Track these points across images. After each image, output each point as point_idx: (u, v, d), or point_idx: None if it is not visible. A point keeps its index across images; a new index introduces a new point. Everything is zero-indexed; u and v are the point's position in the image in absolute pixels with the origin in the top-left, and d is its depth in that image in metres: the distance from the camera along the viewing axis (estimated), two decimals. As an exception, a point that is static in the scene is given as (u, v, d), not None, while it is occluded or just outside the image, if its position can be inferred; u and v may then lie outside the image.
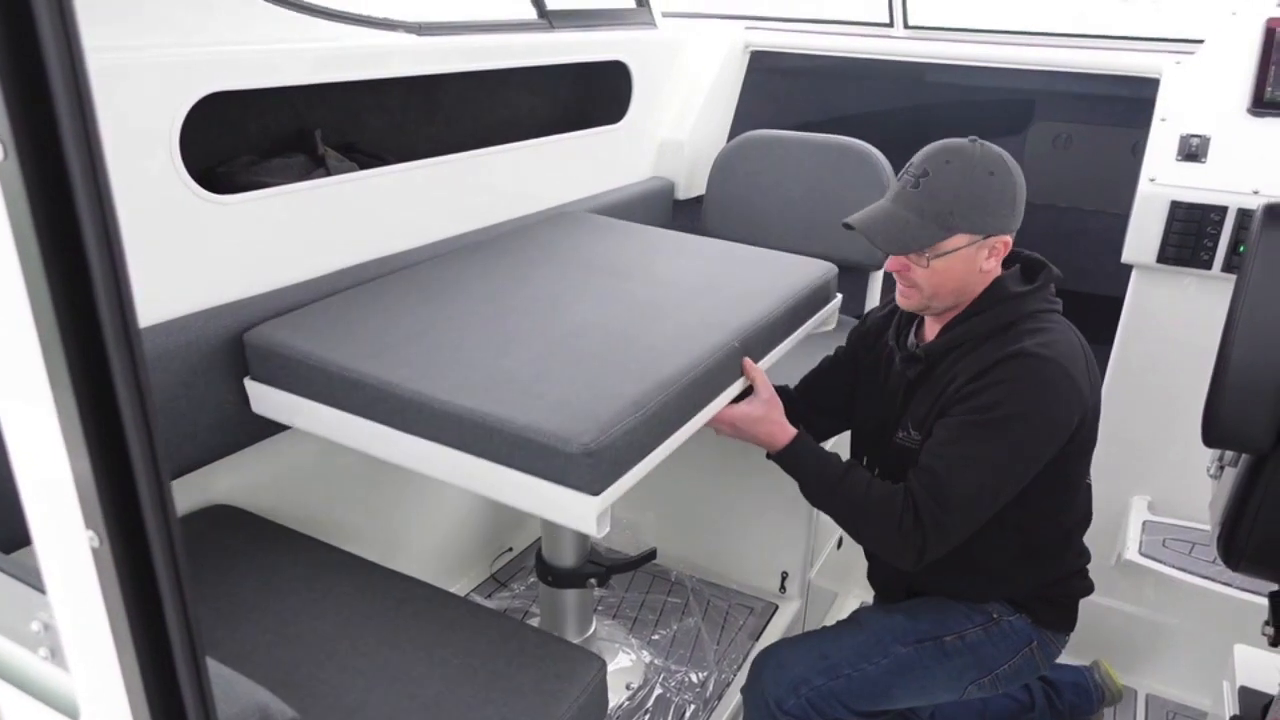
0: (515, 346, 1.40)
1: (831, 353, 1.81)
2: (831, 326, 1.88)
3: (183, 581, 0.55)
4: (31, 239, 0.46)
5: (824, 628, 1.65)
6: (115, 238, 0.47)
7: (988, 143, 1.43)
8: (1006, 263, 1.50)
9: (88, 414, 0.50)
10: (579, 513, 1.19)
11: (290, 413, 1.43)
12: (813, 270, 1.80)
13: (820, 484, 1.50)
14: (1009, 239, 1.45)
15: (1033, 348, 1.39)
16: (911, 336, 1.60)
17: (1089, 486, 1.60)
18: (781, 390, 1.69)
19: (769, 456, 1.56)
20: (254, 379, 1.46)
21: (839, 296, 1.88)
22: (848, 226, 1.47)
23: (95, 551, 0.53)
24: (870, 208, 1.48)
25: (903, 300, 1.52)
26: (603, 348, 1.40)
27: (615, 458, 1.20)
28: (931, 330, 1.56)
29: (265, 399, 1.45)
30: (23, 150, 0.44)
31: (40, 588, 0.60)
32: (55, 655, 0.64)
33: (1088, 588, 1.64)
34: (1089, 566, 1.65)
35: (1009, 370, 1.39)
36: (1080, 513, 1.60)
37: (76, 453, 0.51)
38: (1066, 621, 1.63)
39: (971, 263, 1.43)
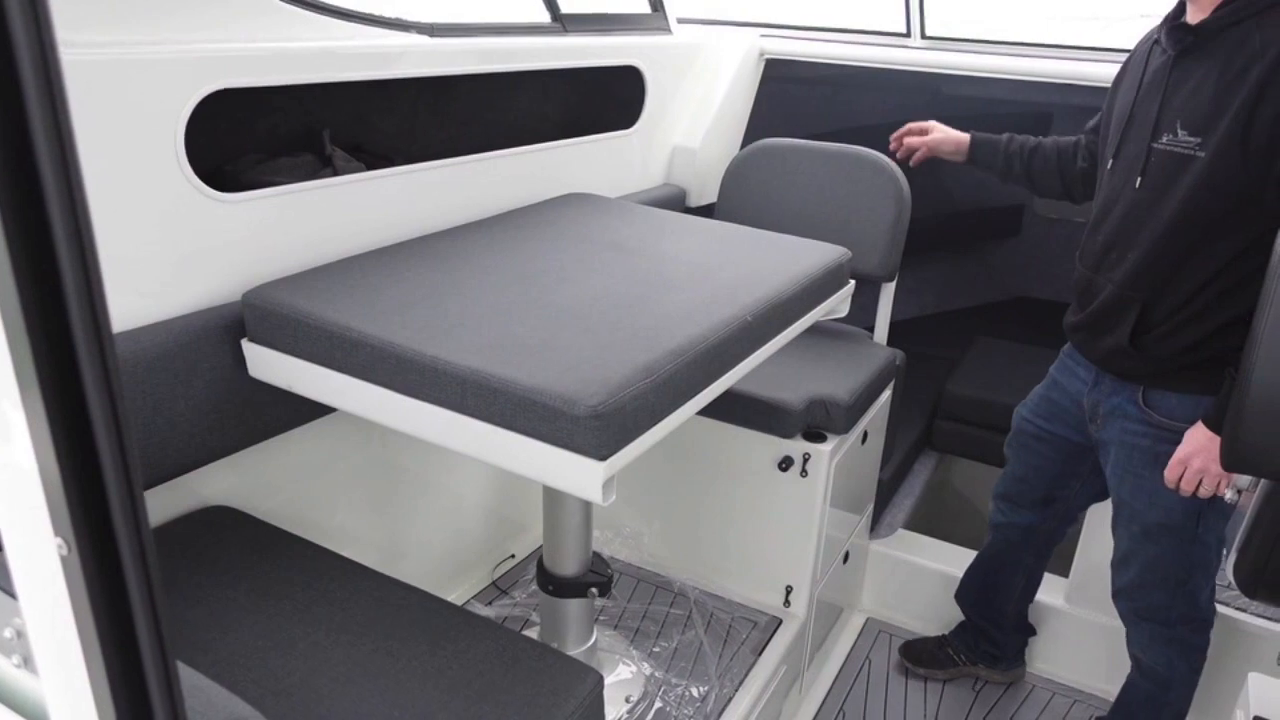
0: (522, 313, 1.38)
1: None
2: (845, 312, 1.85)
3: (154, 592, 0.53)
4: (-1, 236, 0.44)
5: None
6: (87, 236, 0.45)
7: None
8: None
9: (56, 418, 0.48)
10: (584, 479, 1.16)
11: (288, 376, 1.40)
12: (826, 253, 1.78)
13: None
14: None
15: None
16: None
17: None
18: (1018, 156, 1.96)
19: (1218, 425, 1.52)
20: (252, 340, 1.43)
21: (852, 282, 1.85)
22: None
23: (64, 559, 0.51)
24: None
25: None
26: (613, 316, 1.38)
27: (624, 423, 1.17)
28: (1197, 17, 1.52)
29: (262, 362, 1.42)
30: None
31: (13, 593, 0.59)
32: (28, 663, 0.63)
33: None
34: None
35: None
36: None
37: (45, 457, 0.49)
38: None
39: None
